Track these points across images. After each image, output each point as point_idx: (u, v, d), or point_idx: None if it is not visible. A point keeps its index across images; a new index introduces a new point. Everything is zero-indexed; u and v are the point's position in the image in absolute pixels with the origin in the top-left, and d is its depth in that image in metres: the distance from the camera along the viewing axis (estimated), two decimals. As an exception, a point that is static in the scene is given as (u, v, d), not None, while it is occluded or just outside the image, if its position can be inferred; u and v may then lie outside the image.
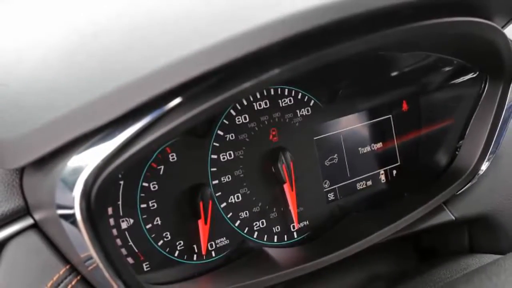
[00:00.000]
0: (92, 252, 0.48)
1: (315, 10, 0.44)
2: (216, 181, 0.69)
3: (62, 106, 0.48)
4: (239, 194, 0.71)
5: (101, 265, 0.49)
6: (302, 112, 0.76)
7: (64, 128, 0.48)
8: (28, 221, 0.54)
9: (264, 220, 0.73)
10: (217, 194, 0.69)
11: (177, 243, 0.67)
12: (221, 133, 0.69)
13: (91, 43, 0.53)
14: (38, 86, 0.52)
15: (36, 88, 0.52)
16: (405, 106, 0.85)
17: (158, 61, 0.45)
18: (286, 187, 0.72)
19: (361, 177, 0.82)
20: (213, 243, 0.69)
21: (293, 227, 0.76)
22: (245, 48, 0.44)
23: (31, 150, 0.50)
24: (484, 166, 0.77)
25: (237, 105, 0.70)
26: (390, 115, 0.84)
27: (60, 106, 0.48)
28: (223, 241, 0.70)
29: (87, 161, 0.46)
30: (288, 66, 0.48)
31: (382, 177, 0.84)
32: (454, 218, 0.80)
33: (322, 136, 0.77)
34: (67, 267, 0.53)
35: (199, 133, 0.68)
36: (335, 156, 0.79)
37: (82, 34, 0.55)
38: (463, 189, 0.78)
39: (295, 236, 0.76)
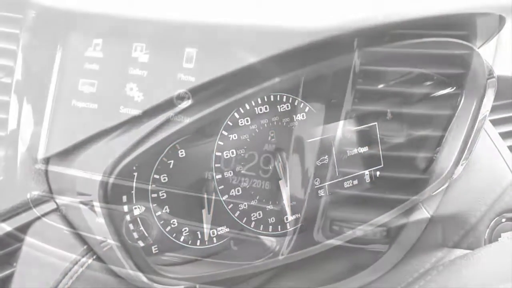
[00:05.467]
0: (107, 234, 0.48)
1: (312, 28, 0.45)
2: (219, 176, 0.69)
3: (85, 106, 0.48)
4: (239, 188, 0.71)
5: (114, 247, 0.49)
6: (298, 117, 0.76)
7: (86, 125, 0.48)
8: (52, 205, 0.55)
9: (260, 212, 0.73)
10: (219, 188, 0.69)
11: (183, 230, 0.67)
12: (225, 133, 0.69)
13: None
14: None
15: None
16: (389, 115, 0.85)
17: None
18: (281, 183, 0.72)
19: (348, 176, 0.82)
20: (214, 230, 0.70)
21: (286, 219, 0.76)
22: (249, 59, 0.44)
23: (57, 143, 0.50)
24: (458, 171, 0.77)
25: (241, 109, 0.71)
26: (376, 123, 0.84)
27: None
28: (223, 229, 0.70)
29: (105, 154, 0.47)
30: (287, 76, 0.48)
31: (367, 177, 0.84)
32: (429, 216, 0.80)
33: (315, 139, 0.78)
34: (85, 247, 0.54)
35: (206, 132, 0.68)
36: (325, 157, 0.79)
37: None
38: (438, 191, 0.78)
39: (288, 227, 0.76)
